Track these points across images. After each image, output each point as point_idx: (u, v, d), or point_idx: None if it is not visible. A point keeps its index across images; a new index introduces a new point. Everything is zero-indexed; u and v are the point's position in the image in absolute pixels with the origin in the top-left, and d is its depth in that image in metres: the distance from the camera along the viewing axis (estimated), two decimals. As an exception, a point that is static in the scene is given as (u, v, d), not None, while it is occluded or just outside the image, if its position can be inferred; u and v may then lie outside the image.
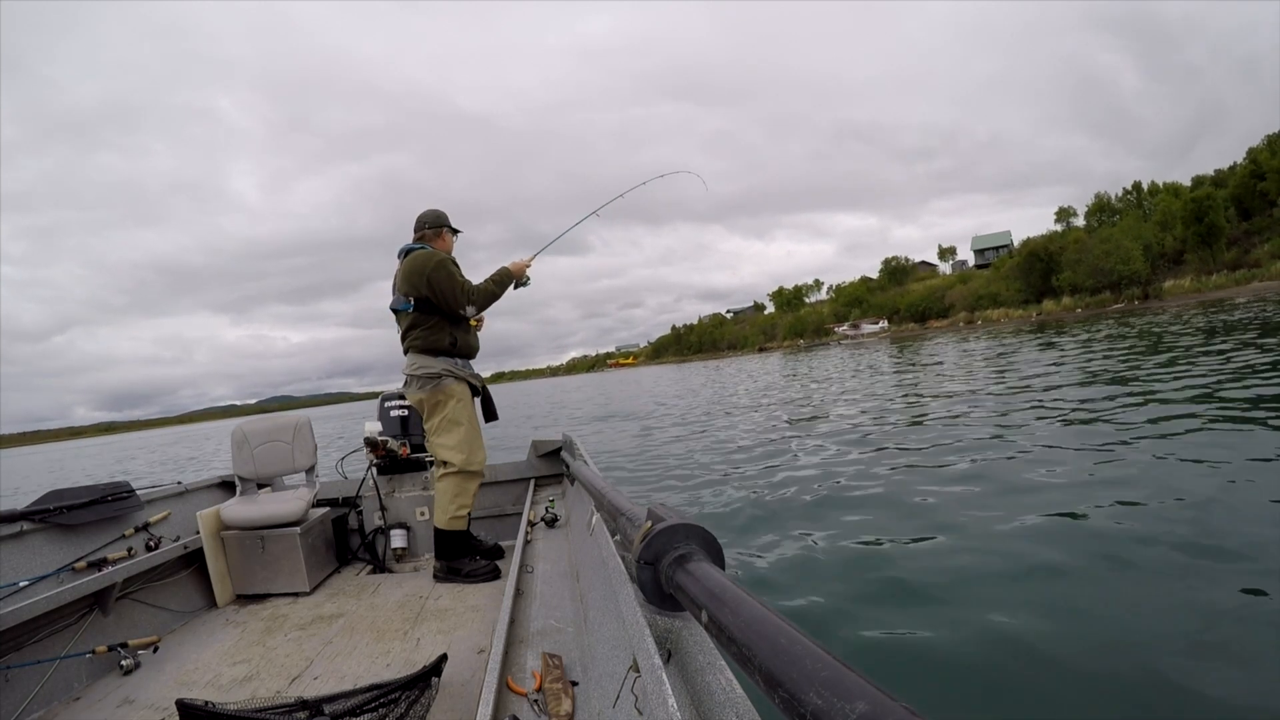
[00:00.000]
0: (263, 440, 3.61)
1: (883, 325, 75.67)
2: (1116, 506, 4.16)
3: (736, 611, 0.76)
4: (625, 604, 1.20)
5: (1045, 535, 3.87)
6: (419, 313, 3.09)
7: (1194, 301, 38.57)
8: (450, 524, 3.08)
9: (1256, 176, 51.41)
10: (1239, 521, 3.64)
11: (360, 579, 3.35)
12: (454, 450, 3.07)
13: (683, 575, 0.97)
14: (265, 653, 2.48)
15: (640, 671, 1.03)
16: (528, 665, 1.83)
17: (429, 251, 3.11)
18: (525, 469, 4.34)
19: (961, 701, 2.43)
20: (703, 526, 1.07)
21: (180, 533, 3.23)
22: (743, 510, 5.43)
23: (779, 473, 6.75)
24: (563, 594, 2.38)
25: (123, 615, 2.72)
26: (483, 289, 3.12)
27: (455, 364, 3.13)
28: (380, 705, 1.74)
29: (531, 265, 3.32)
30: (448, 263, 3.07)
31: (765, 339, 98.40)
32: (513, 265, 3.26)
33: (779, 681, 0.60)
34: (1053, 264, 56.44)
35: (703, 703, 0.89)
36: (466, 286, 3.06)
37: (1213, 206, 49.59)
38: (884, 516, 4.70)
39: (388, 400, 3.98)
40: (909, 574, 3.58)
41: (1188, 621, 2.72)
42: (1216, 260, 48.92)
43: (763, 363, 45.01)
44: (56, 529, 2.70)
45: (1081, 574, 3.31)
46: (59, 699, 2.25)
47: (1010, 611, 3.00)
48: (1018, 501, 4.57)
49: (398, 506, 3.73)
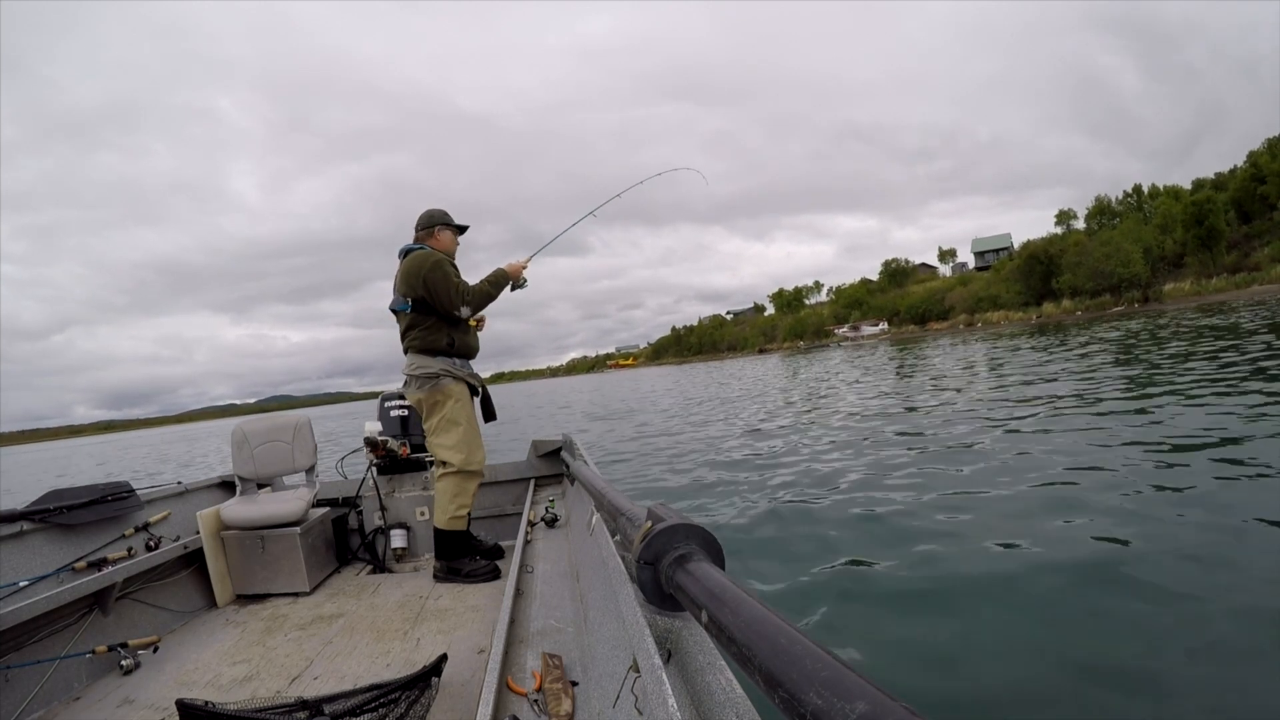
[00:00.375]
0: (263, 440, 3.62)
1: (883, 327, 75.66)
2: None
3: (736, 611, 0.76)
4: (625, 604, 1.20)
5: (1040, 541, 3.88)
6: (416, 313, 3.10)
7: (1193, 305, 38.58)
8: (450, 524, 3.09)
9: (1257, 180, 51.47)
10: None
11: (360, 579, 3.35)
12: (453, 450, 3.08)
13: (683, 575, 0.98)
14: (265, 653, 2.48)
15: (640, 671, 1.03)
16: (528, 665, 1.83)
17: (426, 252, 3.12)
18: (525, 469, 4.34)
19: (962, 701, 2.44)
20: (703, 526, 1.08)
21: (180, 533, 3.23)
22: (741, 510, 5.44)
23: (775, 473, 6.76)
24: (563, 594, 2.38)
25: (123, 615, 2.72)
26: (478, 290, 3.13)
27: (453, 364, 3.14)
28: (380, 705, 1.74)
29: (528, 267, 3.33)
30: (443, 263, 3.08)
31: (765, 340, 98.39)
32: (509, 267, 3.26)
33: (779, 681, 0.60)
34: (1053, 266, 56.42)
35: (703, 703, 0.89)
36: (462, 287, 3.07)
37: (1213, 210, 49.62)
38: (884, 517, 4.71)
39: (388, 400, 3.99)
40: (907, 576, 3.59)
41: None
42: (1216, 264, 48.94)
43: (762, 364, 44.99)
44: (56, 529, 2.71)
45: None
46: (59, 699, 2.25)
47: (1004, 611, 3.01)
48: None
49: (398, 506, 3.73)
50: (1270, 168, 49.41)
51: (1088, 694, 2.35)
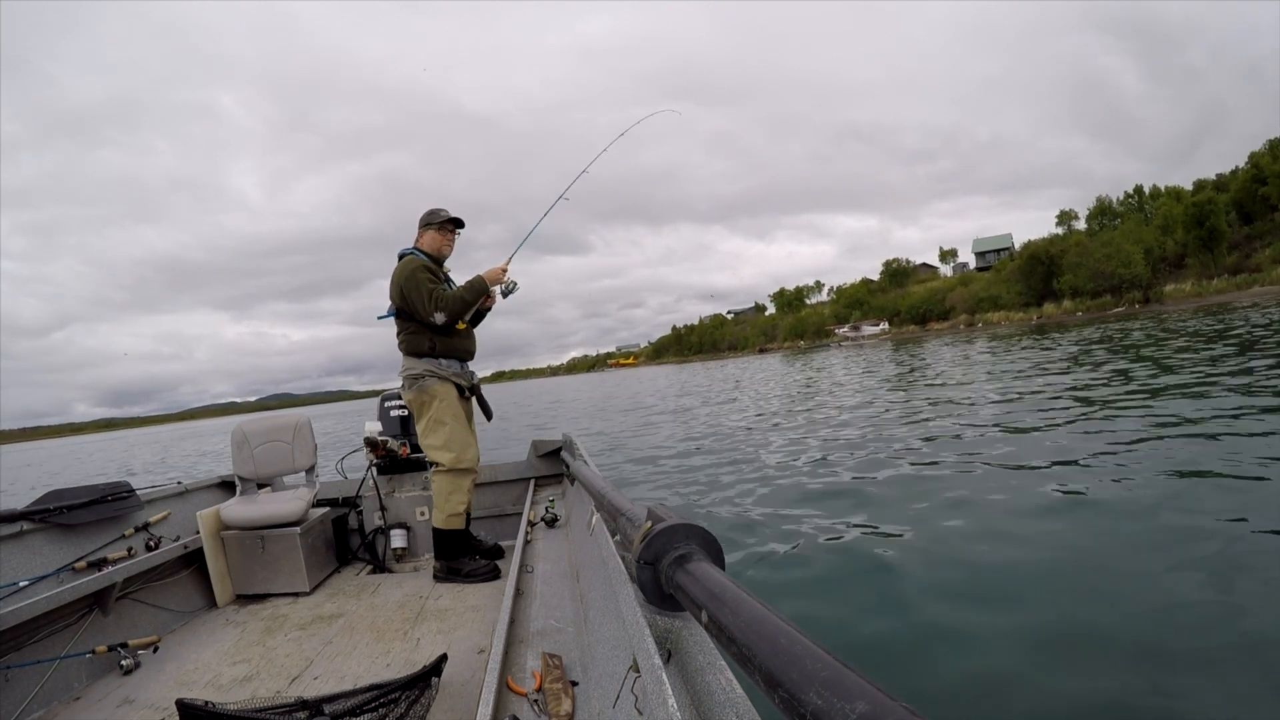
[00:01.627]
0: (263, 440, 3.62)
1: (883, 327, 75.57)
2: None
3: (736, 611, 0.76)
4: (625, 604, 1.20)
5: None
6: (399, 319, 3.19)
7: (1194, 306, 38.57)
8: (448, 523, 3.10)
9: (1258, 181, 51.35)
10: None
11: (360, 579, 3.36)
12: (442, 449, 3.12)
13: (683, 575, 0.97)
14: (265, 653, 2.48)
15: (640, 671, 1.03)
16: (528, 665, 1.83)
17: (407, 259, 3.18)
18: (525, 469, 4.34)
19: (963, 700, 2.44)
20: (703, 526, 1.08)
21: (180, 533, 3.23)
22: (739, 511, 5.44)
23: (772, 473, 6.76)
24: (563, 594, 2.38)
25: (123, 615, 2.73)
26: (452, 297, 3.12)
27: (438, 365, 3.16)
28: (380, 705, 1.75)
29: (509, 269, 3.29)
30: (417, 272, 3.09)
31: (766, 340, 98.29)
32: (487, 273, 3.24)
33: (779, 681, 0.60)
34: (1053, 267, 56.34)
35: (703, 703, 0.89)
36: (435, 294, 3.07)
37: (1214, 211, 49.54)
38: (883, 512, 4.72)
39: (388, 400, 3.99)
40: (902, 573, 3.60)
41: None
42: (1217, 264, 48.87)
43: (762, 364, 45.05)
44: (56, 529, 2.71)
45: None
46: (59, 699, 2.25)
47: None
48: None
49: (398, 506, 3.73)
50: (1271, 169, 49.30)
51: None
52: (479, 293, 3.19)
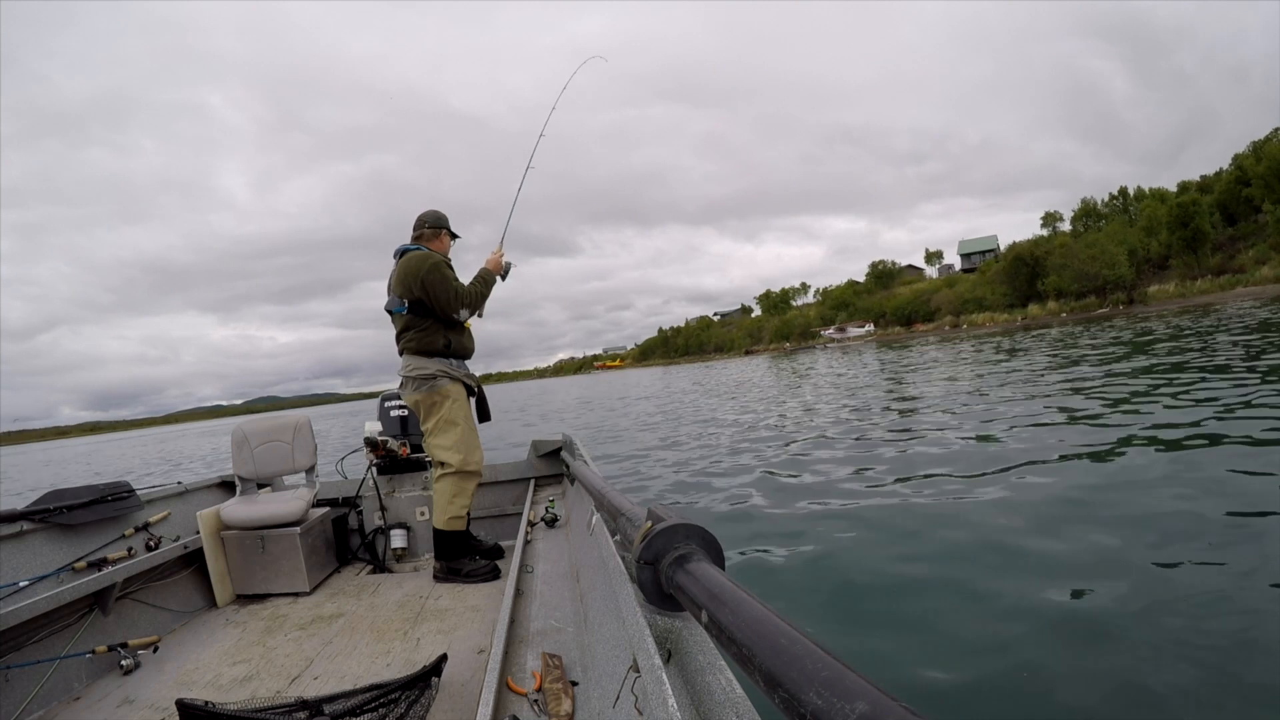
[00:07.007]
0: (263, 440, 3.62)
1: (869, 329, 75.74)
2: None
3: (736, 611, 0.77)
4: (625, 604, 1.21)
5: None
6: (413, 315, 3.08)
7: (1178, 306, 38.99)
8: (449, 524, 3.10)
9: (1242, 183, 51.83)
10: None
11: (360, 579, 3.37)
12: (451, 451, 3.09)
13: (683, 575, 0.98)
14: (265, 653, 2.49)
15: (640, 671, 1.04)
16: (528, 665, 1.86)
17: (424, 253, 3.11)
18: (525, 469, 4.35)
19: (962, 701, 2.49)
20: (703, 526, 1.08)
21: (180, 533, 3.24)
22: (738, 511, 5.48)
23: (765, 472, 6.82)
24: (563, 594, 2.41)
25: (123, 615, 2.73)
26: (473, 291, 3.13)
27: (450, 364, 3.14)
28: (380, 705, 1.76)
29: (504, 254, 3.34)
30: (442, 265, 3.07)
31: (752, 342, 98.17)
32: (489, 261, 3.27)
33: (779, 681, 0.60)
34: (1038, 268, 56.68)
35: (703, 703, 0.90)
36: (461, 290, 3.07)
37: (1198, 212, 49.96)
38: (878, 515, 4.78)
39: (388, 400, 3.98)
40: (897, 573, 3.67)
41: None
42: (1201, 266, 49.32)
43: (748, 366, 45.13)
44: (56, 529, 2.71)
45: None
46: (59, 699, 2.26)
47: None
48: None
49: (398, 506, 3.74)
50: (1255, 170, 49.77)
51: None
52: (491, 283, 3.22)
